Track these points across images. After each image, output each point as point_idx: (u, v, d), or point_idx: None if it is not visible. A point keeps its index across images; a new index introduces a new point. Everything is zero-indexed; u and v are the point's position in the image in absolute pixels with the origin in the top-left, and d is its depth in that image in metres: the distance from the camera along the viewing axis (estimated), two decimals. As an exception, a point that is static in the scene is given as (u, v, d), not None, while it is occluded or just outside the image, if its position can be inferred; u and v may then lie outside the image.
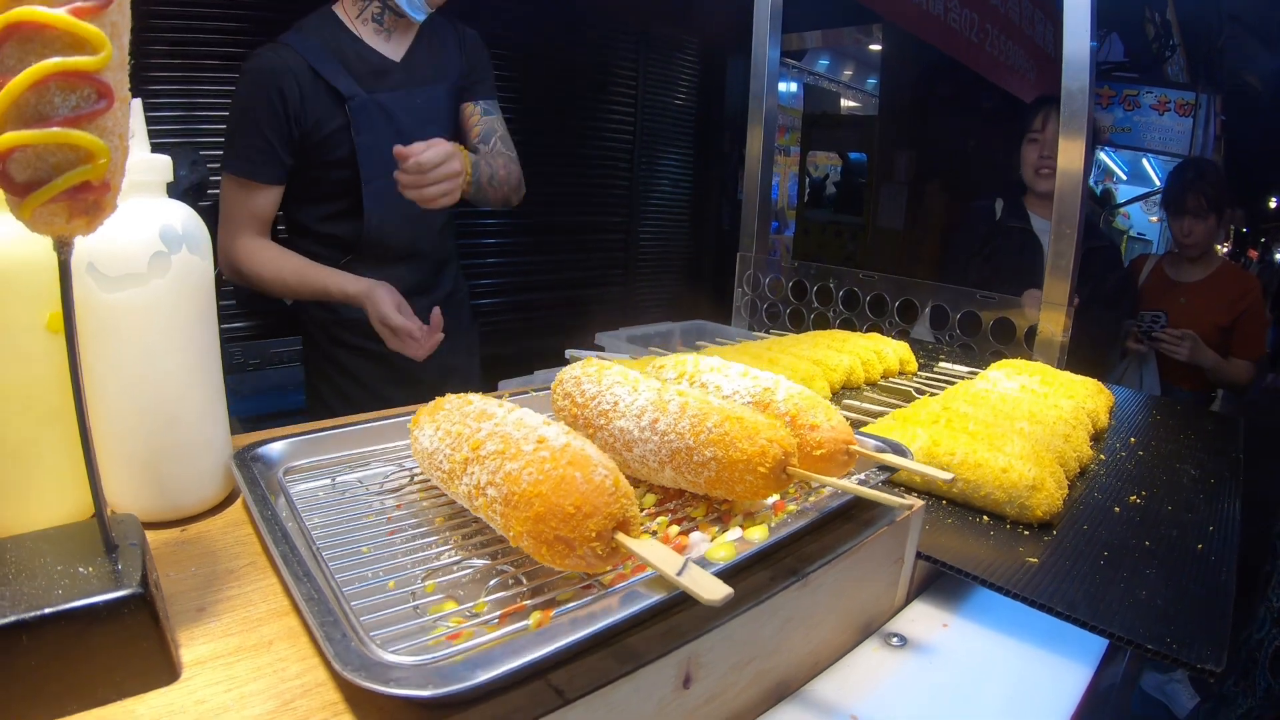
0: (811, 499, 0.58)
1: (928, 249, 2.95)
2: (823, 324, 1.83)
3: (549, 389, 0.70)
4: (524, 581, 0.47)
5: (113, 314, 0.52)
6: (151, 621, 0.37)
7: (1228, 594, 0.61)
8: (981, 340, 1.51)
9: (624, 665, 0.41)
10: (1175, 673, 1.84)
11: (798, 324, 1.89)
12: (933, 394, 1.07)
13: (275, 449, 0.62)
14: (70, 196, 0.34)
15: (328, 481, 0.62)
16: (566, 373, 0.68)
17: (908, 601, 0.66)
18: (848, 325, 1.78)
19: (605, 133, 3.31)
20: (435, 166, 1.14)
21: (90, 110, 0.34)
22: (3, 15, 0.32)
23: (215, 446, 0.59)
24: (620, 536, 0.43)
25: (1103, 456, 0.92)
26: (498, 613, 0.43)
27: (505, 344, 2.81)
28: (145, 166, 0.54)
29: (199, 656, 0.40)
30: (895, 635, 0.61)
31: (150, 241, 0.53)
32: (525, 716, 0.37)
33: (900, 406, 1.00)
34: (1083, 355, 1.41)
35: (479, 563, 0.49)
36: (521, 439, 0.47)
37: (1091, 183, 2.92)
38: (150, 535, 0.55)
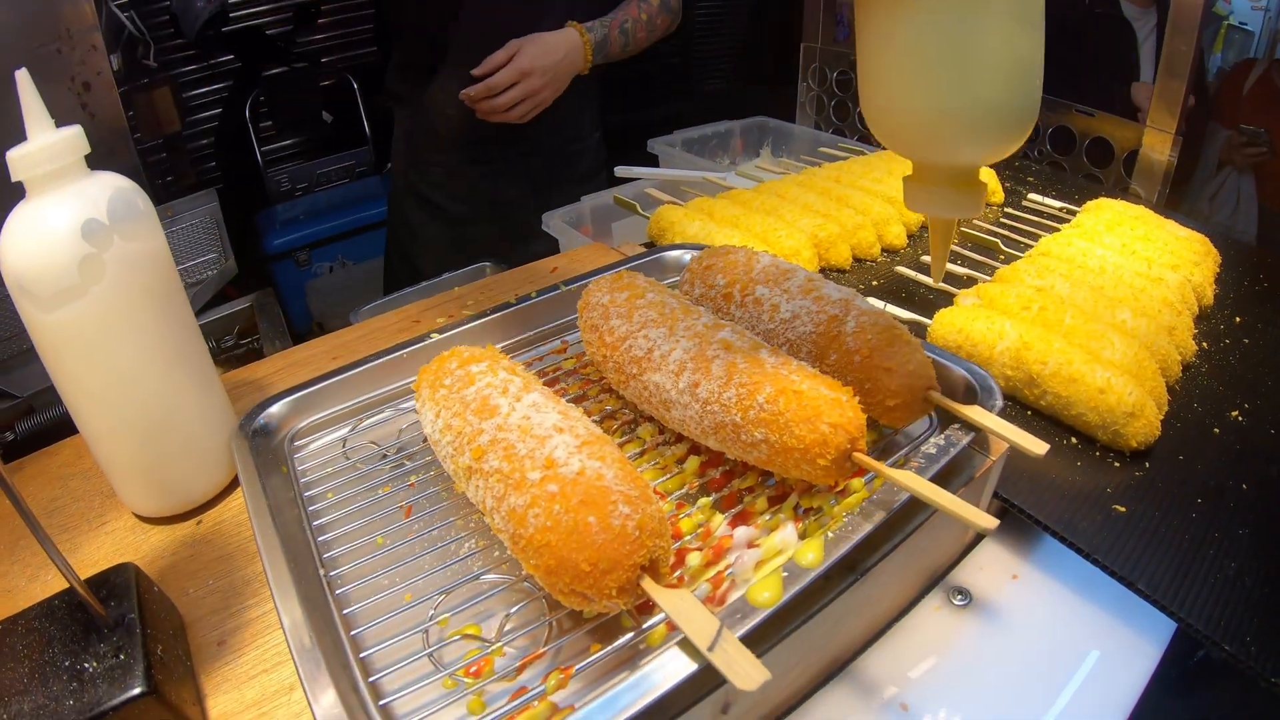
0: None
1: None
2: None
3: (581, 290, 0.61)
4: (545, 607, 0.42)
5: (60, 332, 0.46)
6: (166, 711, 0.36)
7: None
8: (1074, 159, 1.28)
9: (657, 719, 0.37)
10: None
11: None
12: (1021, 245, 0.92)
13: (277, 412, 0.56)
14: None
15: (341, 438, 0.57)
16: (592, 295, 0.59)
17: (977, 540, 0.60)
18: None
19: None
20: (505, 89, 1.07)
21: None
22: None
23: (214, 428, 0.54)
24: (647, 584, 0.37)
25: (1205, 344, 0.79)
26: (517, 663, 0.39)
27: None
28: (52, 152, 0.44)
29: (225, 711, 0.39)
30: (959, 591, 0.55)
31: (73, 246, 0.44)
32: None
33: (985, 265, 0.88)
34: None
35: (498, 578, 0.44)
36: (528, 458, 0.39)
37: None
38: (168, 533, 0.53)
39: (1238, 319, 0.86)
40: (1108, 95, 1.44)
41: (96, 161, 0.48)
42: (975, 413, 0.49)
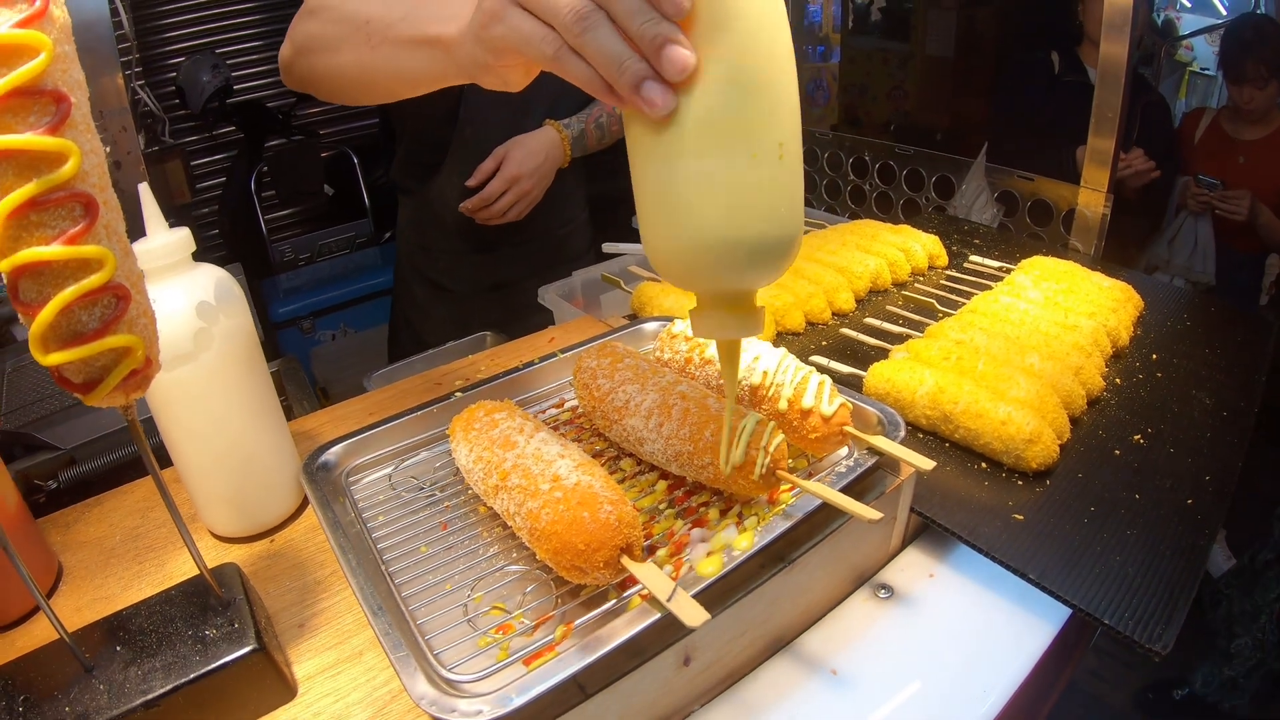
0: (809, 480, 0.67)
1: (978, 79, 2.82)
2: (859, 198, 1.85)
3: (574, 357, 0.79)
4: (553, 588, 0.59)
5: (175, 388, 0.63)
6: (270, 664, 0.52)
7: (1198, 565, 0.69)
8: (1018, 221, 1.50)
9: (633, 660, 0.54)
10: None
11: (834, 195, 1.93)
12: (957, 304, 1.11)
13: (335, 453, 0.74)
14: (124, 384, 0.43)
15: (386, 474, 0.75)
16: (583, 361, 0.77)
17: (902, 547, 0.77)
18: (884, 200, 1.79)
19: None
20: (497, 198, 1.28)
21: (114, 315, 0.41)
22: (9, 260, 0.37)
23: (285, 465, 0.72)
24: (625, 560, 0.54)
25: (1118, 380, 0.97)
26: (533, 622, 0.56)
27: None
28: (169, 249, 0.62)
29: (308, 672, 0.55)
30: (883, 586, 0.72)
31: (189, 321, 0.62)
32: (555, 711, 0.50)
33: (920, 323, 1.06)
34: (1131, 224, 1.40)
35: (518, 568, 0.61)
36: (540, 475, 0.57)
37: (1153, 12, 2.62)
38: (246, 550, 0.70)
39: (1154, 355, 1.03)
40: (1073, 158, 1.64)
41: (130, 235, 0.65)
42: (879, 440, 0.67)
